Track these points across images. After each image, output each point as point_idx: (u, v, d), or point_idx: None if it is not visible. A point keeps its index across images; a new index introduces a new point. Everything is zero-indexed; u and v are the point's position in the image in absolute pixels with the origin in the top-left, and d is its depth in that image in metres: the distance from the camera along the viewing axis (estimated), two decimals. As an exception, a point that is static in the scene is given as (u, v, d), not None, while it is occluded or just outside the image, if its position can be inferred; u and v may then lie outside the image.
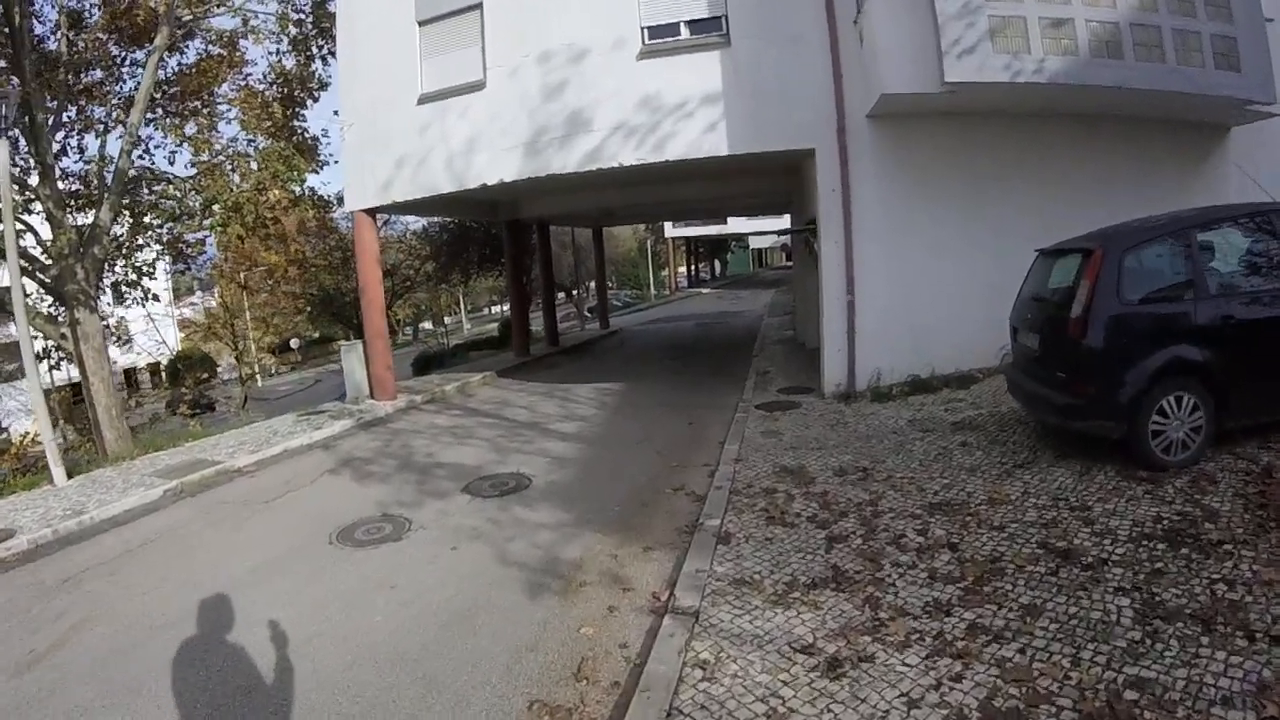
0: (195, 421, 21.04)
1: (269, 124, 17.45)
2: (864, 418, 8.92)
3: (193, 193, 16.31)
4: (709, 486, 6.90)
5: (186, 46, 16.90)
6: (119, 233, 15.54)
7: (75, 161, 16.31)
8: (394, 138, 12.74)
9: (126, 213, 16.26)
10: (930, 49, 8.40)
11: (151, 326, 23.69)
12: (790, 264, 60.16)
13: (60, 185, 15.46)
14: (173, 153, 17.66)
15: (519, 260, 20.15)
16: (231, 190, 16.08)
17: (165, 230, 16.95)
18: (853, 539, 5.20)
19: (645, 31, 10.48)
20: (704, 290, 49.53)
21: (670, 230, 51.25)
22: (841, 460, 7.19)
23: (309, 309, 24.87)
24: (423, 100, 12.38)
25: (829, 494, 6.17)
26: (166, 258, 18.72)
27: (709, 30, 10.28)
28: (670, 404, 11.53)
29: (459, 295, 51.54)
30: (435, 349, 37.87)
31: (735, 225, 50.73)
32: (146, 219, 16.42)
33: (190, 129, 17.01)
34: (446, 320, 59.58)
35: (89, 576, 6.25)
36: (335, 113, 17.56)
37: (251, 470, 9.67)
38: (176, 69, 16.97)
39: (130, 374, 44.02)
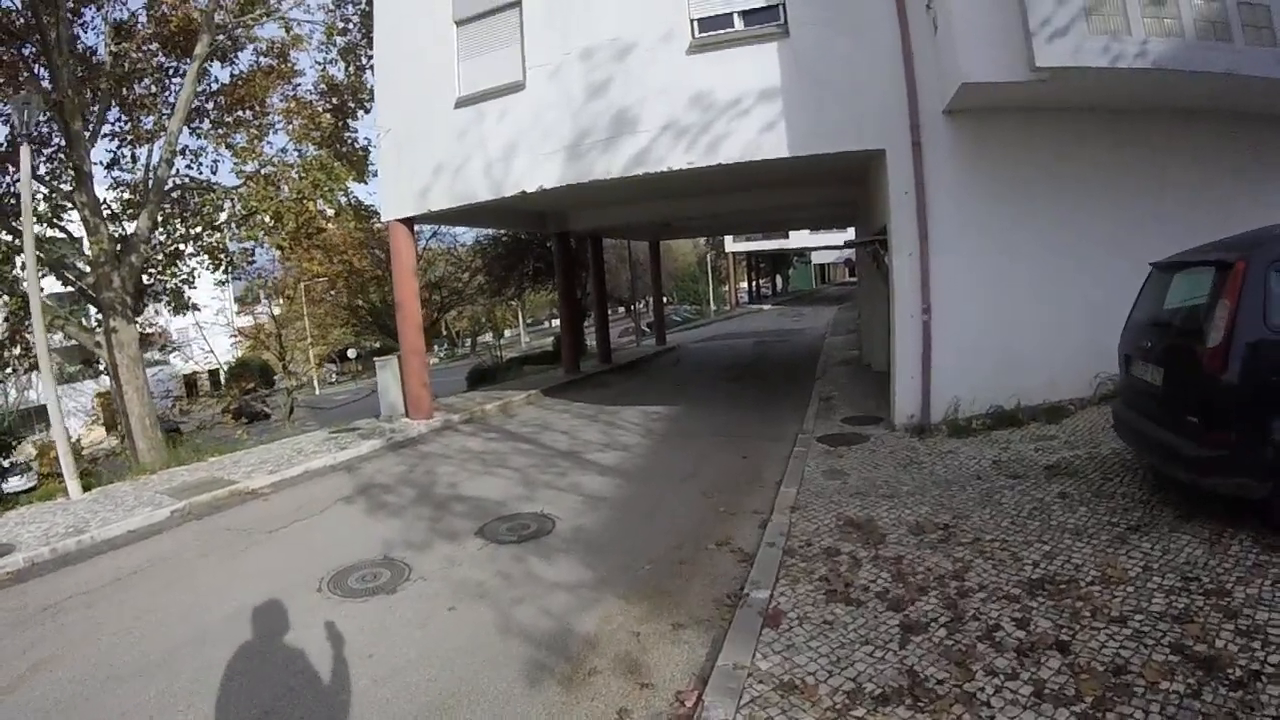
0: (242, 431, 20.83)
1: (317, 134, 17.11)
2: (941, 457, 7.73)
3: (230, 201, 15.95)
4: (759, 542, 5.82)
5: (237, 57, 16.68)
6: (161, 240, 15.28)
7: (126, 171, 16.15)
8: (431, 143, 12.08)
9: (176, 221, 16.12)
10: (1016, 31, 7.28)
11: (200, 335, 23.78)
12: (854, 279, 58.47)
13: (111, 194, 15.36)
14: (215, 162, 17.39)
15: (569, 274, 19.39)
16: (272, 200, 15.73)
17: (205, 238, 16.68)
18: (934, 628, 4.08)
19: (695, 24, 9.53)
20: (765, 306, 48.21)
21: (731, 244, 50.20)
22: (918, 513, 6.05)
23: (354, 322, 24.54)
24: (460, 103, 11.68)
25: (904, 560, 5.05)
26: (209, 267, 18.46)
27: (765, 20, 9.26)
28: (723, 432, 10.47)
29: (517, 308, 51.34)
30: (490, 363, 37.70)
31: (797, 240, 49.37)
32: (183, 228, 16.19)
33: (238, 139, 16.73)
34: (506, 333, 59.68)
35: (70, 605, 5.86)
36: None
37: (266, 493, 9.09)
38: (228, 79, 16.81)
39: (190, 380, 44.99)
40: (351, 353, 53.36)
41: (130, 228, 14.45)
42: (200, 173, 16.63)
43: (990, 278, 8.81)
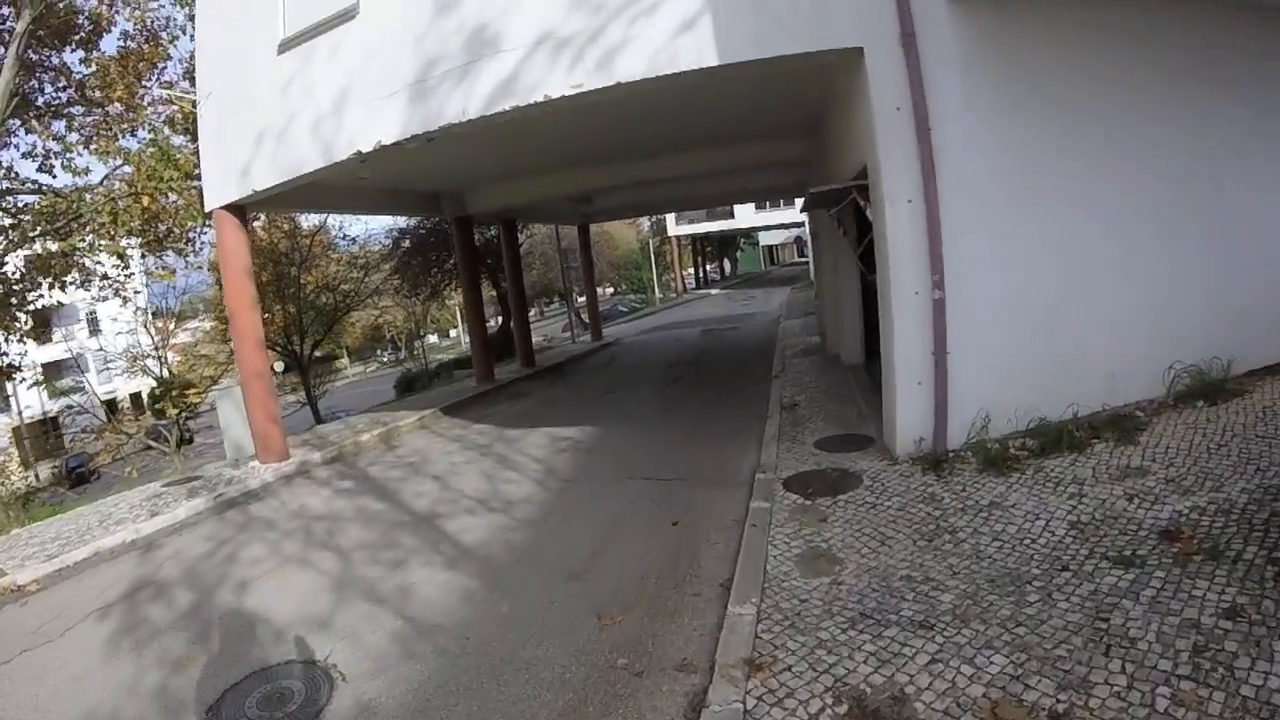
0: (131, 469, 17.33)
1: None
2: (982, 516, 4.85)
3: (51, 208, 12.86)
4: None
5: (99, 42, 13.42)
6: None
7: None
8: (254, 105, 8.91)
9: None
10: None
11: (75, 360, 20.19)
12: (803, 259, 56.03)
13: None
14: (45, 159, 13.92)
15: (472, 265, 16.19)
16: (103, 198, 12.53)
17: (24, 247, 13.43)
18: None
19: (575, -118, 6.47)
20: (713, 291, 45.30)
21: (674, 228, 47.27)
22: (984, 671, 3.16)
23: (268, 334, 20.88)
24: (284, 46, 8.50)
25: None
26: (46, 284, 15.02)
27: None
28: (650, 472, 7.45)
29: (455, 308, 47.69)
30: (418, 369, 34.33)
31: (744, 218, 46.66)
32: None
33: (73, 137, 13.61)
34: (452, 333, 55.93)
35: None
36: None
37: (32, 590, 6.39)
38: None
39: (112, 403, 40.59)
40: (279, 365, 49.35)
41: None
42: (54, 176, 13.49)
43: (1032, 233, 6.00)
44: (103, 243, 13.39)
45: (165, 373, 19.07)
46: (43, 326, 19.82)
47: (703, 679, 3.57)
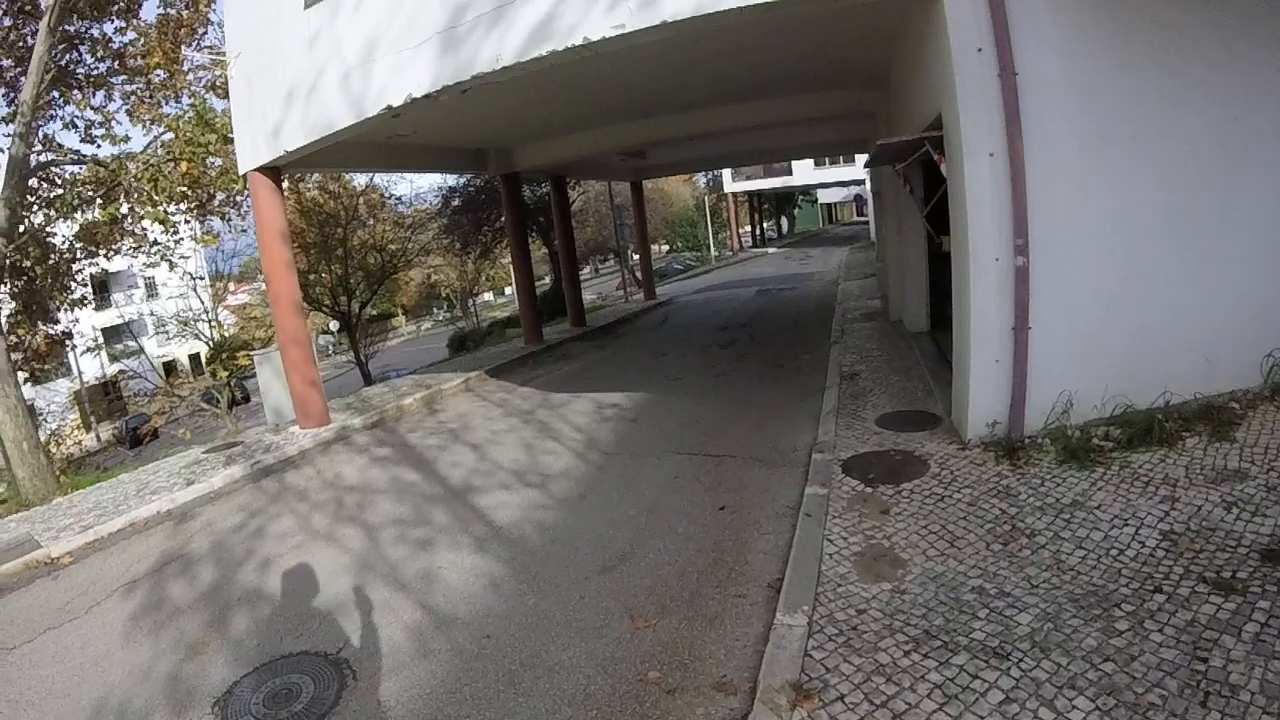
0: (185, 430, 17.72)
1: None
2: (1062, 517, 4.29)
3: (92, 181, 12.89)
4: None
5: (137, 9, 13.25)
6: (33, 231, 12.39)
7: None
8: (283, 63, 8.57)
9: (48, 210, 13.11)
10: None
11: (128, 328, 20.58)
12: (863, 219, 54.00)
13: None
14: (87, 130, 13.91)
15: (520, 223, 15.78)
16: (143, 165, 12.50)
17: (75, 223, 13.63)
18: None
19: None
20: (769, 250, 44.22)
21: (730, 184, 46.07)
22: (1068, 716, 2.69)
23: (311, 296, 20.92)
24: (310, 1, 8.08)
25: None
26: (96, 253, 15.24)
27: None
28: (696, 447, 6.99)
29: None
30: (470, 328, 34.39)
31: (801, 176, 45.17)
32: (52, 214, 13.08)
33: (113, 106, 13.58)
34: (507, 290, 55.86)
35: None
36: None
37: (65, 562, 6.26)
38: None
39: (170, 365, 41.79)
40: (333, 325, 50.14)
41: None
42: (99, 146, 13.48)
43: (1118, 193, 5.26)
44: (144, 209, 13.37)
45: (216, 335, 19.27)
46: (101, 292, 20.27)
47: (742, 703, 3.15)
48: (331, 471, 8.01)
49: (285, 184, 10.82)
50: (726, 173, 45.72)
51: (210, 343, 19.70)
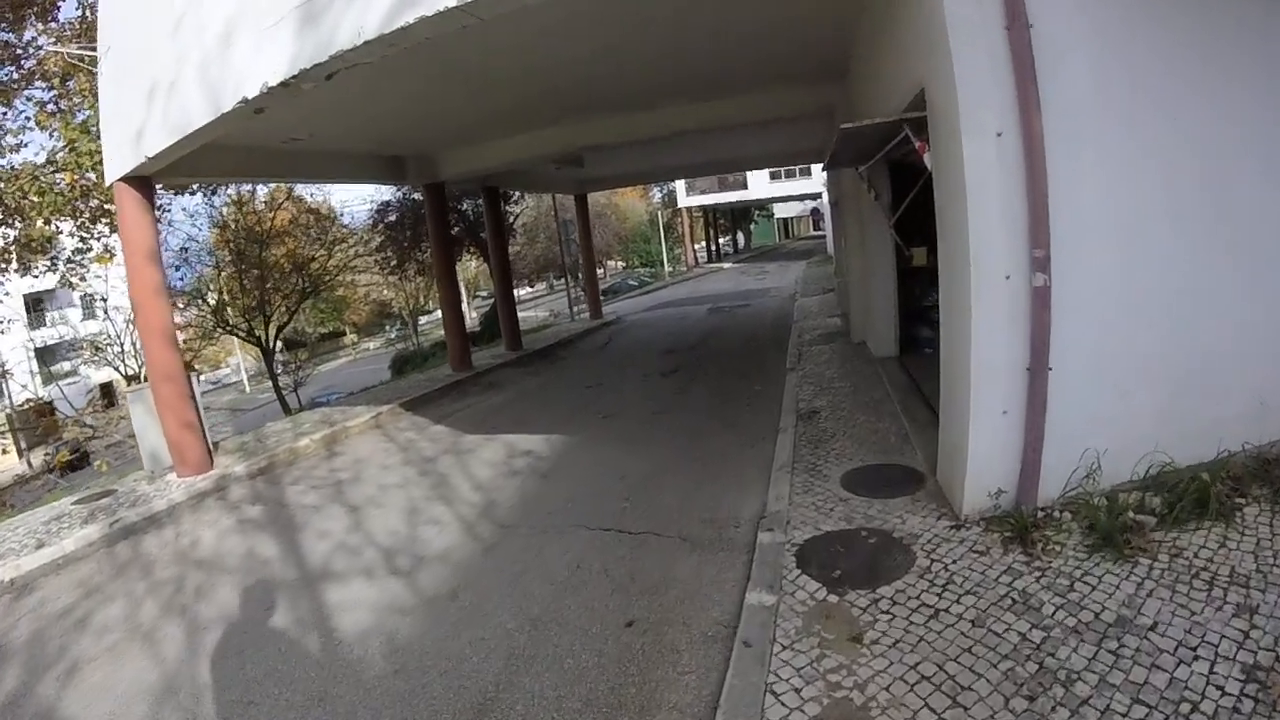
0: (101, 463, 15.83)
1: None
2: (1106, 645, 2.99)
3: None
4: None
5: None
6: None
7: None
8: (149, 55, 7.04)
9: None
10: None
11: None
12: (819, 232, 53.21)
13: None
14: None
15: (444, 239, 14.19)
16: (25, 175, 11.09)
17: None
18: None
19: None
20: (725, 265, 43.05)
21: (684, 199, 44.94)
22: None
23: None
24: (174, -19, 6.60)
25: None
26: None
27: None
28: (612, 521, 5.47)
29: (463, 283, 45.60)
30: (413, 349, 32.77)
31: (757, 189, 44.21)
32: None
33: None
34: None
35: None
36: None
37: None
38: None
39: (106, 388, 39.17)
40: (278, 345, 47.97)
41: None
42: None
43: (1176, 187, 3.96)
44: (28, 227, 11.88)
45: (127, 362, 17.42)
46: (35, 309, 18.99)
47: None
48: (190, 537, 6.49)
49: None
50: (680, 187, 44.68)
51: (123, 371, 17.80)
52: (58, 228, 13.26)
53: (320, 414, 11.72)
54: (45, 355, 28.56)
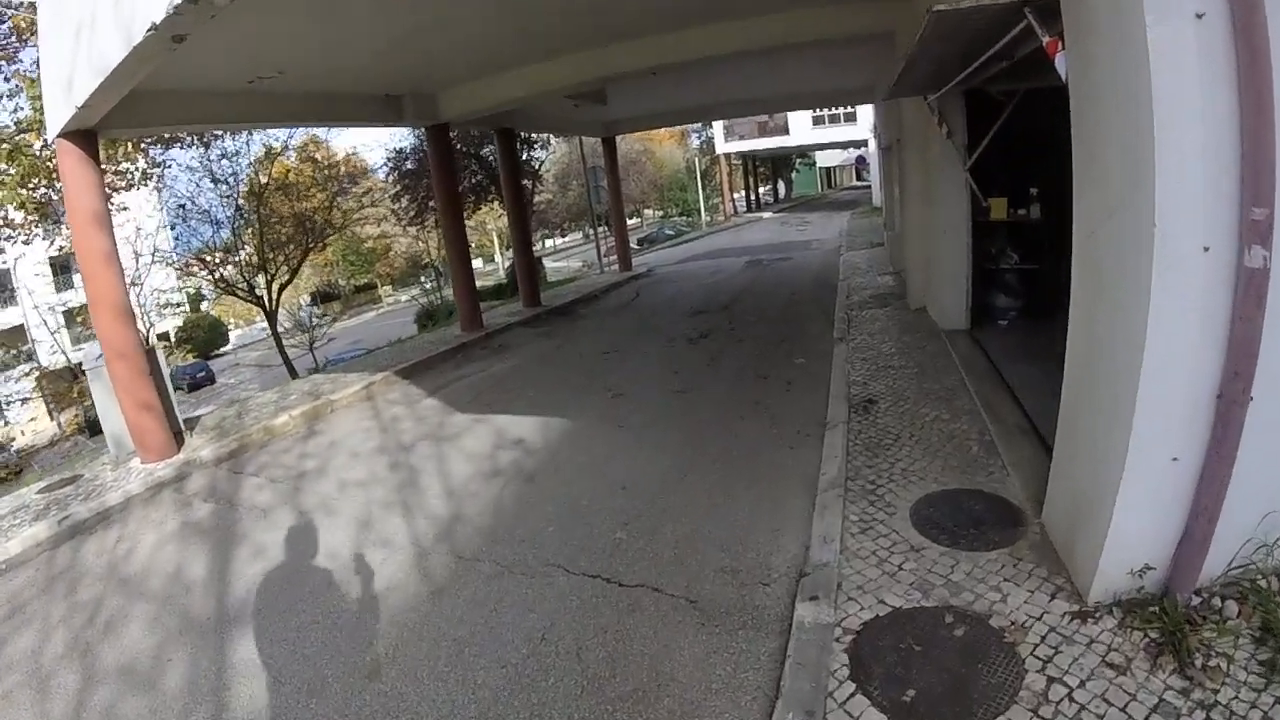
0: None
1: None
2: None
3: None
4: None
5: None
6: None
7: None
8: None
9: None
10: None
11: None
12: (863, 183, 50.35)
13: None
14: None
15: (450, 186, 12.82)
16: None
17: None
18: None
19: None
20: (765, 215, 40.98)
21: (722, 145, 42.80)
22: None
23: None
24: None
25: None
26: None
27: None
28: (600, 563, 4.15)
29: (495, 232, 44.22)
30: (439, 302, 31.91)
31: (799, 135, 41.89)
32: None
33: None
34: (495, 259, 52.74)
35: None
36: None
37: None
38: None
39: (164, 339, 39.22)
40: (305, 299, 47.30)
41: None
42: None
43: None
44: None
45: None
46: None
47: None
48: (130, 542, 5.55)
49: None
50: (719, 133, 42.53)
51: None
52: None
53: (311, 383, 10.60)
54: (71, 317, 28.24)
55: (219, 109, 8.83)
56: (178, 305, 16.59)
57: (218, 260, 16.76)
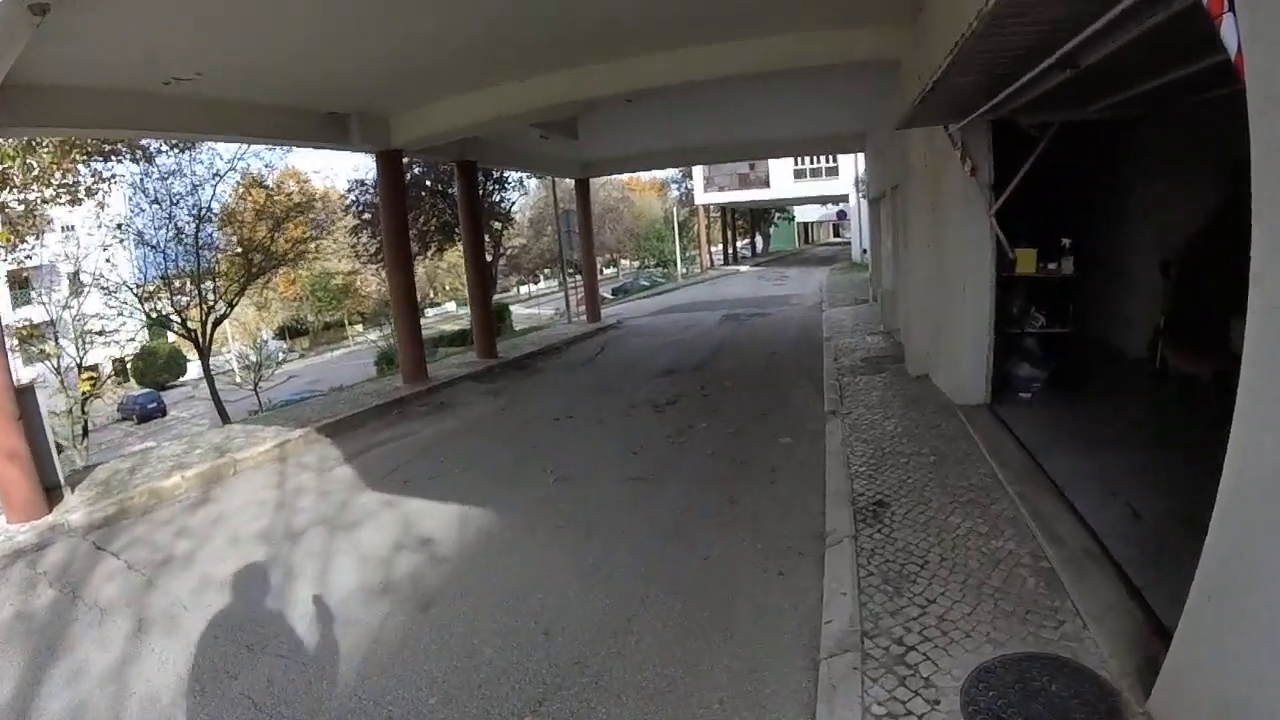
0: None
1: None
2: None
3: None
4: None
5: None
6: None
7: None
8: None
9: None
10: None
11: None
12: (840, 239, 49.65)
13: None
14: None
15: (399, 219, 11.51)
16: None
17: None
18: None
19: None
20: (742, 268, 40.10)
21: (701, 195, 42.14)
22: None
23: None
24: None
25: None
26: None
27: None
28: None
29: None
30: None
31: (780, 188, 41.32)
32: None
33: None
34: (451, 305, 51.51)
35: None
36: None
37: None
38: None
39: (93, 368, 37.21)
40: (266, 333, 45.65)
41: None
42: None
43: None
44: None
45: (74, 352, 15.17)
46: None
47: None
48: None
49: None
50: (699, 182, 41.89)
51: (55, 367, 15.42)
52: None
53: (225, 434, 9.13)
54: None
55: (129, 112, 7.59)
56: (113, 332, 15.14)
57: (149, 291, 15.33)
